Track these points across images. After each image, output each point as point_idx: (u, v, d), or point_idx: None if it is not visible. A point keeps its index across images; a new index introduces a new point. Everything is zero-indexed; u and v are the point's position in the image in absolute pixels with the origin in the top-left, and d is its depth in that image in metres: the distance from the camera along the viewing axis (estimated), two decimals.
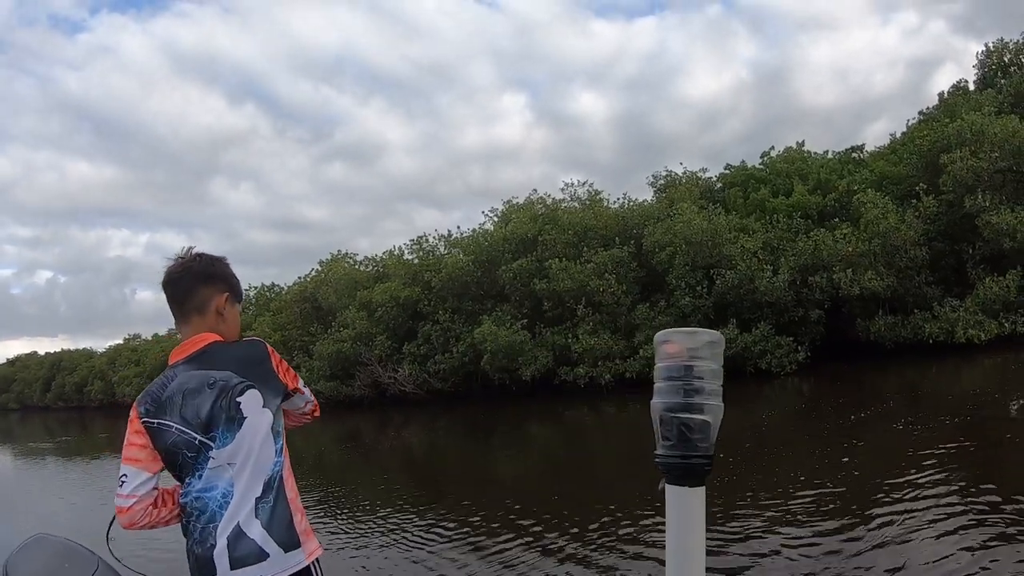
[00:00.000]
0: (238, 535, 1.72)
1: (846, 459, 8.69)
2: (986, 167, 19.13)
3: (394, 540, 7.01)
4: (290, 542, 1.76)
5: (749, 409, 17.09)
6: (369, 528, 7.74)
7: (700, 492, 1.02)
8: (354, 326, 24.28)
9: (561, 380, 20.44)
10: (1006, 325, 17.43)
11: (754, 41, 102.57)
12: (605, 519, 6.72)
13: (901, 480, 6.87)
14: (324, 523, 8.04)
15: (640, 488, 7.72)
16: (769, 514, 6.33)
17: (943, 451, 8.06)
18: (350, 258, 29.30)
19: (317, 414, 2.12)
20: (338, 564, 6.22)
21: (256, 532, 1.73)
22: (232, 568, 1.70)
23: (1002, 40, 24.65)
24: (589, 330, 19.94)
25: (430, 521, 7.71)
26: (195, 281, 1.88)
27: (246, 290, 13.68)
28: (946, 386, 16.16)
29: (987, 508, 5.61)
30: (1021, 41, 24.45)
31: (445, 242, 25.76)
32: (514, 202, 24.52)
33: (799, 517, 6.15)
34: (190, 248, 1.95)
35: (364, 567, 6.25)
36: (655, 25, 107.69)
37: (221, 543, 1.71)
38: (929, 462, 7.51)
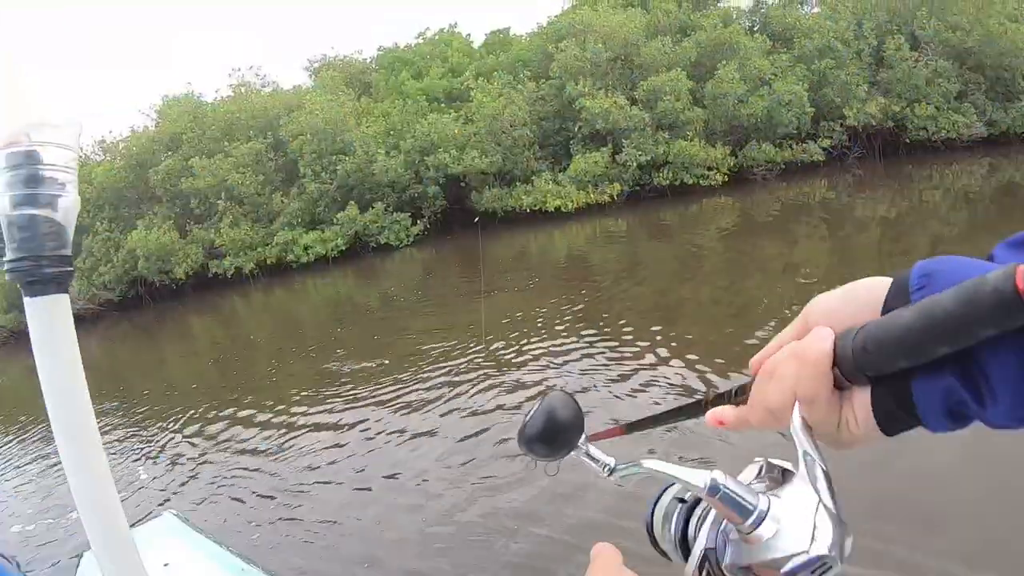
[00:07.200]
0: None
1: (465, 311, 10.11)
2: (590, 57, 21.37)
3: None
4: None
5: (372, 278, 18.43)
6: None
7: (63, 300, 0.84)
8: None
9: (213, 273, 20.74)
10: (592, 195, 19.91)
11: None
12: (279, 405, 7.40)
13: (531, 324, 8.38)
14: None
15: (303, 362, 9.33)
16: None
17: (562, 299, 9.69)
18: None
19: None
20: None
21: None
22: None
23: None
24: (231, 223, 20.17)
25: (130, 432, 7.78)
26: None
27: None
28: (549, 248, 18.36)
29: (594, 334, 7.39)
30: None
31: (102, 147, 24.33)
32: (169, 96, 23.58)
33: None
34: None
35: None
36: None
37: None
38: (545, 310, 9.14)
